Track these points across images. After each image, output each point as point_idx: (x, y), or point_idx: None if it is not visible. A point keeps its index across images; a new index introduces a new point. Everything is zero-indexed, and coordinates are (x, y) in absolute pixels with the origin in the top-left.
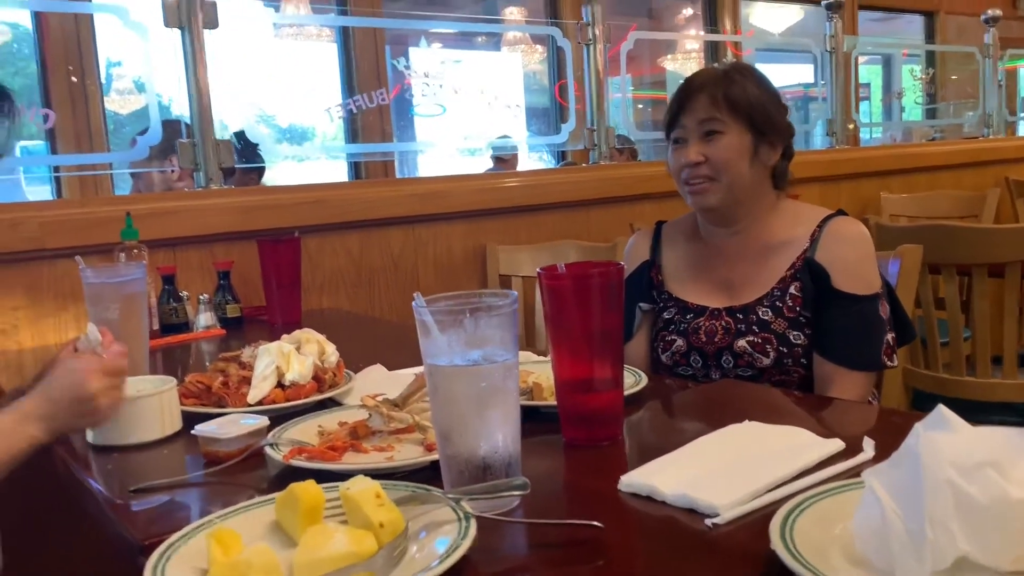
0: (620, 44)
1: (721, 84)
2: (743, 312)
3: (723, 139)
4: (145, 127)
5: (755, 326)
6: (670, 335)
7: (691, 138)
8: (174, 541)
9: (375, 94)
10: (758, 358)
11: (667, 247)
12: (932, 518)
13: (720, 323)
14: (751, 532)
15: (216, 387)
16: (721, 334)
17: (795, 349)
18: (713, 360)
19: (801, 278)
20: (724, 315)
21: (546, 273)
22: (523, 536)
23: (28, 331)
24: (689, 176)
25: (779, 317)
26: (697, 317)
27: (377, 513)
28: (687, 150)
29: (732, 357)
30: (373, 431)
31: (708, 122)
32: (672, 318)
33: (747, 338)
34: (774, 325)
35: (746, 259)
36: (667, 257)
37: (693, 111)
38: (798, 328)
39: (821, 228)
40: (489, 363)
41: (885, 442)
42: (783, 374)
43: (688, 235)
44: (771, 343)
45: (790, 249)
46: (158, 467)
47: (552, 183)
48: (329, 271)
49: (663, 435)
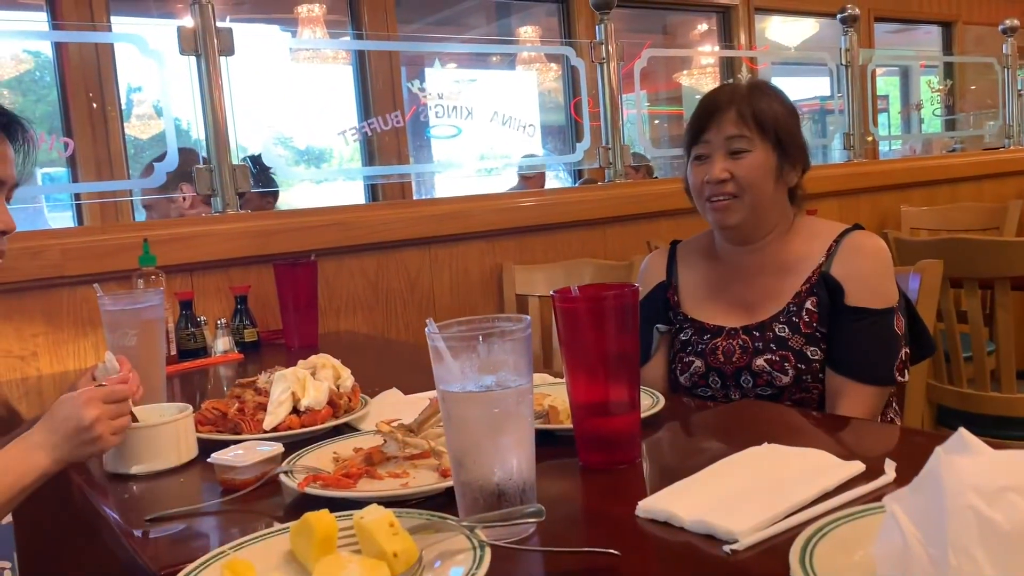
0: (634, 61)
1: (748, 100)
2: (759, 330)
3: (749, 157)
4: (163, 152)
5: (772, 343)
6: (688, 356)
7: (715, 154)
8: (189, 572)
9: (390, 116)
10: (777, 376)
11: (683, 267)
12: (955, 544)
13: (737, 342)
14: (771, 558)
15: (232, 414)
16: (739, 353)
17: (813, 365)
18: (732, 380)
19: (817, 293)
20: (741, 334)
21: (559, 296)
22: (539, 564)
23: (47, 358)
24: (712, 193)
25: (796, 333)
26: (714, 338)
27: (391, 543)
28: (711, 166)
29: (751, 376)
30: (388, 457)
31: (736, 139)
32: (689, 339)
33: (765, 357)
34: (791, 342)
35: (762, 276)
36: (683, 277)
37: (720, 127)
38: (814, 344)
39: (838, 243)
40: (502, 388)
41: (907, 463)
42: (803, 391)
43: (704, 254)
44: (789, 360)
45: (805, 264)
46: (174, 495)
47: (568, 202)
48: (346, 293)
49: (681, 457)
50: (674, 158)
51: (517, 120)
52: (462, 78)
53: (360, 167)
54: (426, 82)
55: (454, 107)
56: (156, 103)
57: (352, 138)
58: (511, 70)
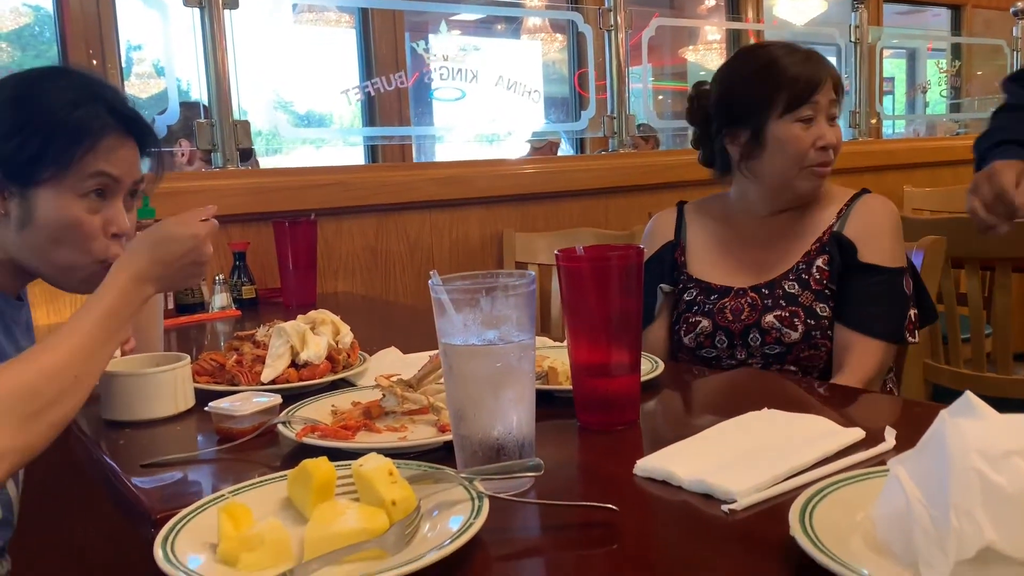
0: (642, 32)
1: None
2: (769, 287)
3: (838, 126)
4: (164, 109)
5: (782, 300)
6: (693, 316)
7: (820, 118)
8: (185, 515)
9: (394, 77)
10: (786, 332)
11: (692, 227)
12: (957, 507)
13: (745, 300)
14: (769, 518)
15: (230, 365)
16: (748, 311)
17: (822, 321)
18: (739, 339)
19: (829, 251)
20: (749, 292)
21: (564, 255)
22: (536, 517)
23: (43, 307)
24: (823, 159)
25: (806, 290)
26: (722, 297)
27: (390, 491)
28: (821, 128)
29: (760, 334)
30: (386, 411)
31: (834, 105)
32: (694, 299)
33: (775, 313)
34: (801, 298)
35: (772, 239)
36: (692, 238)
37: (826, 91)
38: (824, 300)
39: (849, 205)
40: (505, 343)
41: (906, 433)
42: (812, 348)
43: (714, 216)
44: (799, 316)
45: (816, 226)
46: (170, 443)
47: (571, 170)
48: (345, 255)
49: (680, 422)
50: (677, 131)
51: (522, 85)
52: (467, 45)
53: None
54: (430, 46)
55: (459, 70)
56: (156, 62)
57: (355, 97)
58: (515, 39)
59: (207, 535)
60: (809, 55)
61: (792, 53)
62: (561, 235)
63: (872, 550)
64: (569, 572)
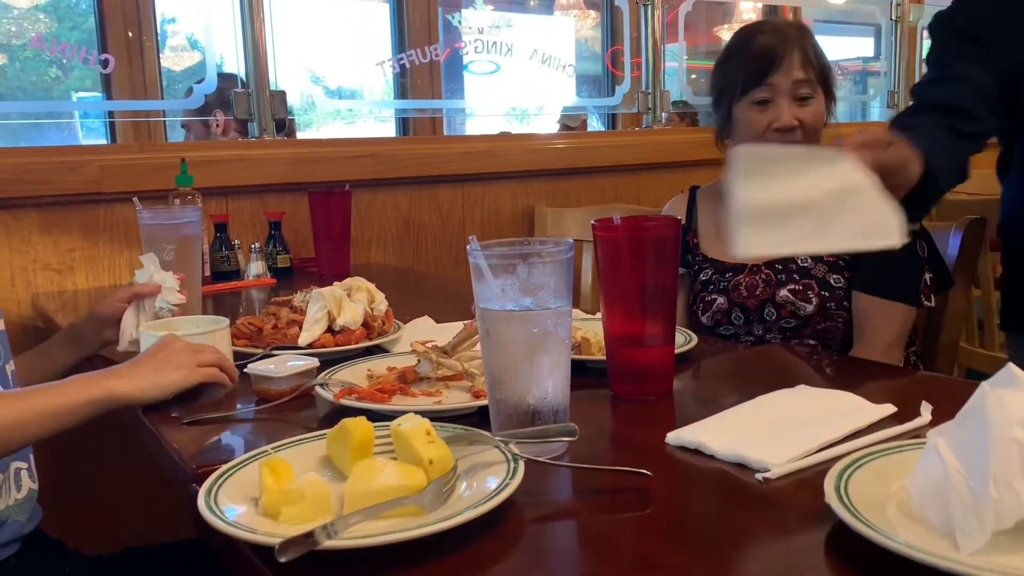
0: (679, 7)
1: (810, 43)
2: (782, 263)
3: (814, 103)
4: (200, 78)
5: (796, 274)
6: (710, 295)
7: (780, 99)
8: (227, 469)
9: (428, 49)
10: (801, 306)
11: (703, 210)
12: (996, 477)
13: (760, 276)
14: (803, 487)
15: (267, 329)
16: (762, 287)
17: (837, 292)
18: (755, 315)
19: None
20: (763, 268)
21: (600, 225)
22: (570, 481)
23: (83, 272)
24: (783, 140)
25: (818, 263)
26: (736, 274)
27: (427, 450)
28: (778, 111)
29: (775, 308)
30: (421, 377)
31: (803, 84)
32: (710, 278)
33: (788, 287)
34: (814, 271)
35: None
36: (703, 219)
37: (788, 70)
38: (837, 271)
39: None
40: (541, 309)
41: (941, 408)
42: (827, 320)
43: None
44: (812, 289)
45: None
46: (209, 403)
47: (603, 146)
48: (378, 226)
49: (712, 394)
50: (709, 109)
51: (557, 59)
52: (500, 20)
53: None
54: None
55: (493, 43)
56: (190, 35)
57: (390, 70)
58: (548, 15)
59: (248, 489)
60: (776, 35)
61: (764, 34)
62: (593, 210)
63: (908, 518)
64: (602, 535)
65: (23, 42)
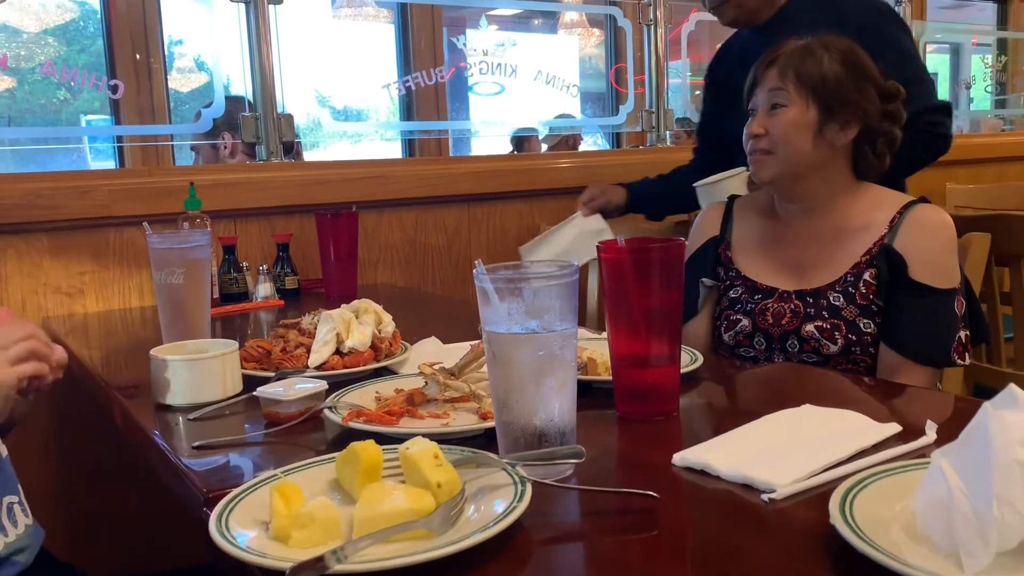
0: (681, 26)
1: (796, 57)
2: (813, 296)
3: (783, 112)
4: (208, 101)
5: (825, 311)
6: (735, 314)
7: (759, 109)
8: (238, 493)
9: (434, 71)
10: (825, 344)
11: (739, 222)
12: (1000, 498)
13: (789, 306)
14: (809, 508)
15: (276, 352)
16: (789, 317)
17: (864, 337)
18: (778, 343)
19: (877, 265)
20: (794, 298)
21: (606, 247)
22: (577, 503)
23: (94, 296)
24: (751, 148)
25: (851, 304)
26: (766, 298)
27: (435, 473)
28: (753, 121)
29: (798, 341)
30: (429, 398)
31: (774, 93)
32: (739, 297)
33: (816, 323)
34: (845, 312)
35: (820, 242)
36: (738, 232)
37: (764, 82)
38: (869, 316)
39: (902, 214)
40: (547, 331)
41: (947, 427)
42: (850, 363)
43: (762, 211)
44: (840, 330)
45: (867, 234)
46: (219, 426)
47: (608, 164)
48: (385, 246)
49: (718, 415)
50: None
51: (561, 80)
52: (504, 40)
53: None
54: (468, 42)
55: (498, 64)
56: (197, 57)
57: (395, 91)
58: (552, 34)
59: (259, 513)
60: (772, 50)
61: (769, 50)
62: None
63: (912, 539)
64: (609, 557)
65: (33, 66)
